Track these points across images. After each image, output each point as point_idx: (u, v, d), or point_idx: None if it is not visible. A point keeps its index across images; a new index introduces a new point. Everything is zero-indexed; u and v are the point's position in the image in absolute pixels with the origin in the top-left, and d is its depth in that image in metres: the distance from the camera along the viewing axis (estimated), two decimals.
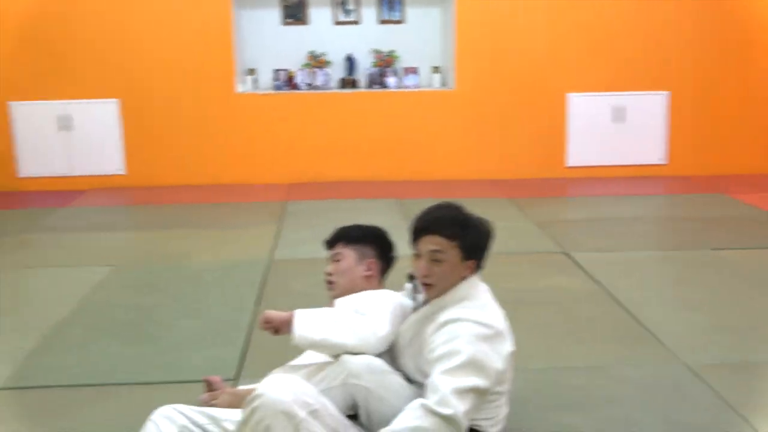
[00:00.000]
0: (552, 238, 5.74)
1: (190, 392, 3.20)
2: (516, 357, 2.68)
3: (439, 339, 2.39)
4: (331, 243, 3.02)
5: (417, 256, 2.55)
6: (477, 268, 2.57)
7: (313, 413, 2.15)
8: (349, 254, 2.95)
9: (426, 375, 2.38)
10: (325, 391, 2.41)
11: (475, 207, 2.74)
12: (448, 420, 2.21)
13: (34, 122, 7.83)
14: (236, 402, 2.55)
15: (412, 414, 2.24)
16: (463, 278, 2.53)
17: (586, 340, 3.81)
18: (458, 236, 2.49)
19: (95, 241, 5.97)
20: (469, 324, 2.38)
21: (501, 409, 2.55)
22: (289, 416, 2.11)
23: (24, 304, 4.56)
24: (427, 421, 2.21)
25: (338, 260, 2.95)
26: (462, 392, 2.26)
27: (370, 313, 2.62)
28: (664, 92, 8.09)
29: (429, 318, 2.51)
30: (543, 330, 3.91)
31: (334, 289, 2.89)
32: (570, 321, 4.06)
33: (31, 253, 5.70)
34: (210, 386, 2.92)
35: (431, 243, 2.49)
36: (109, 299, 4.56)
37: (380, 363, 2.49)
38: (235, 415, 2.44)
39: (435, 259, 2.48)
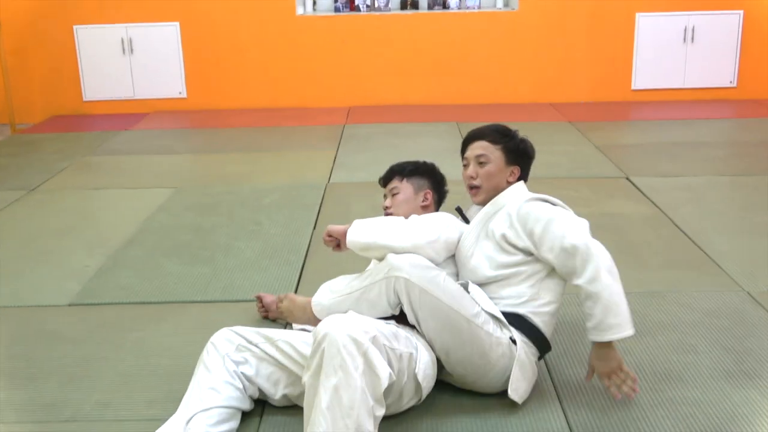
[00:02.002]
0: (614, 163, 5.66)
1: (249, 311, 3.31)
2: None
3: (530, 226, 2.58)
4: (387, 179, 3.11)
5: (465, 165, 2.82)
6: (521, 177, 2.81)
7: (373, 339, 2.19)
8: (406, 187, 3.04)
9: (498, 265, 2.61)
10: (369, 287, 2.50)
11: (537, 130, 2.83)
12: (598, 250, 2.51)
13: (97, 46, 7.94)
14: (294, 309, 2.81)
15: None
16: (509, 183, 2.77)
17: (645, 265, 3.79)
18: (501, 141, 2.78)
19: (157, 163, 6.08)
20: (538, 203, 2.66)
21: (555, 316, 2.70)
22: (358, 344, 2.14)
23: (90, 225, 4.69)
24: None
25: (396, 194, 3.03)
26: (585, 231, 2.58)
27: (423, 221, 2.72)
28: (738, 11, 7.79)
29: (490, 217, 2.71)
30: None
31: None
32: (629, 246, 4.02)
33: (96, 175, 5.85)
34: (262, 302, 3.19)
35: (477, 148, 2.78)
36: (171, 221, 4.66)
37: (424, 260, 2.54)
38: (289, 334, 2.55)
39: (481, 162, 2.75)
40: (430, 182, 3.09)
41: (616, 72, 7.99)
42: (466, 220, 2.88)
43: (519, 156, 2.79)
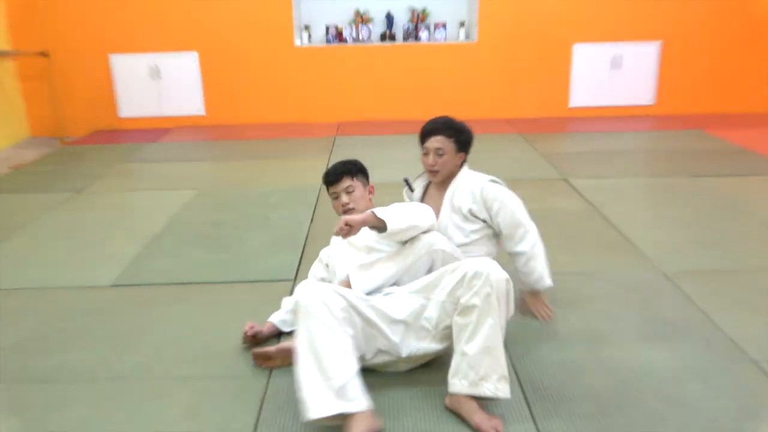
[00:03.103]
0: (554, 167, 5.72)
1: (259, 289, 3.36)
2: None
3: (494, 207, 2.91)
4: (337, 180, 2.89)
5: (425, 154, 2.97)
6: (465, 159, 3.03)
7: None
8: (357, 184, 2.92)
9: (467, 233, 2.94)
10: (414, 263, 2.64)
11: (493, 141, 2.93)
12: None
13: (130, 71, 7.90)
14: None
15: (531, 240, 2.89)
16: (458, 165, 2.99)
17: (579, 251, 3.85)
18: (453, 135, 2.95)
19: (182, 169, 6.08)
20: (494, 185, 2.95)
21: None
22: (509, 283, 2.34)
23: (127, 220, 4.70)
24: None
25: (352, 191, 2.88)
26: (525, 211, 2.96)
27: (421, 206, 2.79)
28: (657, 41, 7.88)
29: (452, 196, 2.96)
30: (543, 242, 3.93)
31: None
32: (566, 235, 4.09)
33: (132, 179, 5.85)
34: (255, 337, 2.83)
35: (435, 141, 2.95)
36: (193, 216, 4.68)
37: (441, 234, 2.80)
38: (383, 301, 2.50)
39: (439, 154, 2.93)
40: (367, 178, 3.00)
41: (556, 92, 8.05)
42: (411, 189, 3.17)
43: (466, 145, 3.00)
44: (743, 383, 2.52)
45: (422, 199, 3.12)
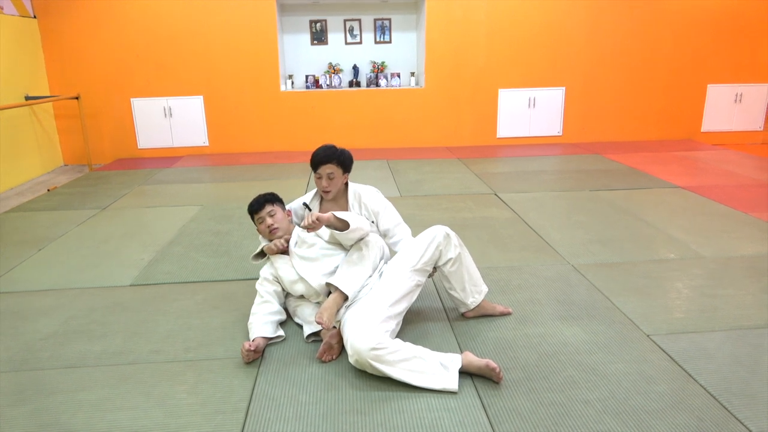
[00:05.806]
0: (486, 184, 5.73)
1: (250, 286, 3.24)
2: None
3: (383, 213, 2.89)
4: (260, 208, 2.84)
5: (319, 178, 2.84)
6: (347, 176, 2.93)
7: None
8: (277, 209, 2.84)
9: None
10: (377, 256, 2.70)
11: (437, 165, 2.88)
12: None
13: (147, 112, 7.71)
14: (330, 307, 2.47)
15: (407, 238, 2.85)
16: (345, 183, 2.91)
17: (507, 249, 3.85)
18: (338, 162, 2.84)
19: (189, 189, 5.94)
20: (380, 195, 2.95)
21: None
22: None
23: (144, 231, 4.56)
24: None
25: (274, 215, 2.81)
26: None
27: (357, 215, 2.76)
28: (561, 87, 7.99)
29: (352, 204, 2.90)
30: (479, 243, 3.95)
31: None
32: (497, 237, 4.08)
33: (148, 197, 5.68)
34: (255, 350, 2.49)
35: (327, 168, 2.82)
36: (198, 227, 4.56)
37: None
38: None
39: (330, 177, 2.83)
40: (284, 205, 2.92)
41: (486, 126, 8.09)
42: (309, 209, 2.86)
43: (348, 166, 2.89)
44: (639, 352, 2.51)
45: None
